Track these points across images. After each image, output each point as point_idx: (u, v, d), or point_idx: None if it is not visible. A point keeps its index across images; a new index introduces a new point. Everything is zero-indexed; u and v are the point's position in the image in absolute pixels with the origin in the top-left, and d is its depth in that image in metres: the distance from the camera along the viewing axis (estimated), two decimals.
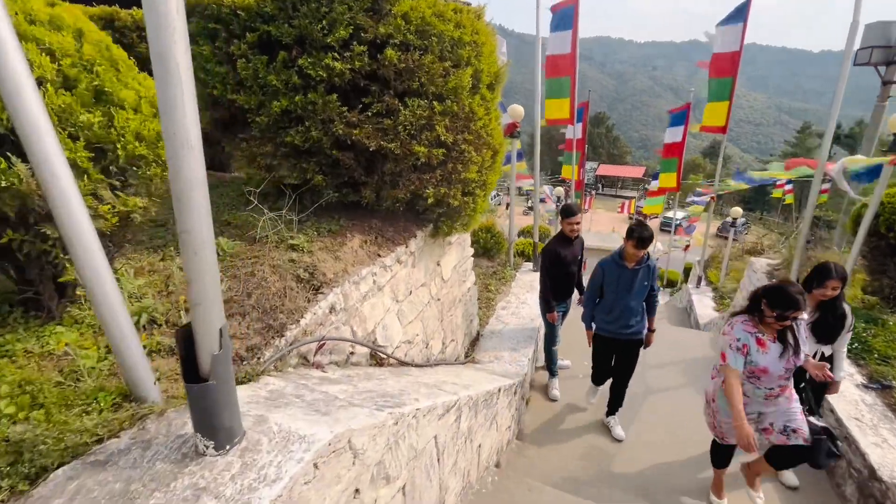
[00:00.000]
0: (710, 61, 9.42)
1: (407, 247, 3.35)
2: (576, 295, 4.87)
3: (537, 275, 7.66)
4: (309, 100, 2.61)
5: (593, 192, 39.35)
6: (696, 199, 14.67)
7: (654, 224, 32.53)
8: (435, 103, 2.94)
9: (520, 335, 5.26)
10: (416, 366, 3.37)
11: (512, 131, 6.35)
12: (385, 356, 3.01)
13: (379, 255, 3.04)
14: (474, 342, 5.12)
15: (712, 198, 11.54)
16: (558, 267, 4.47)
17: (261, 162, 2.88)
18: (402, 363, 3.20)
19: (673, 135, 14.51)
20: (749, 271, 9.01)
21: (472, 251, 4.88)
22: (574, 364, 5.55)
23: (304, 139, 2.69)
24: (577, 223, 4.38)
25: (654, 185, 19.89)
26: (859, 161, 5.45)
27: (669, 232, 25.28)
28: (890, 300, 5.37)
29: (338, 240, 2.96)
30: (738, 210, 11.23)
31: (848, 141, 45.40)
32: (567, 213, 4.40)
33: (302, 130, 2.67)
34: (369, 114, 2.75)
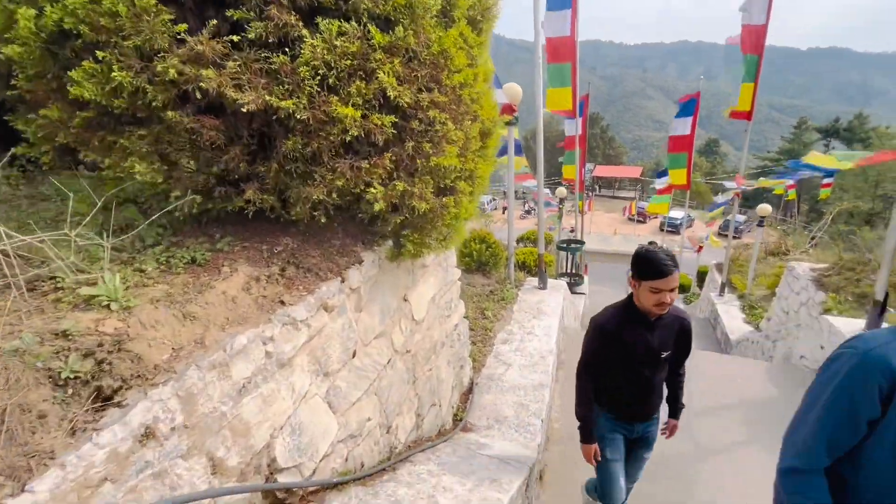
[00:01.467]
0: (741, 35, 8.15)
1: (344, 280, 2.02)
2: (664, 415, 2.48)
3: (544, 294, 6.27)
4: (104, 8, 1.28)
5: (591, 194, 38.30)
6: (718, 202, 13.43)
7: (655, 224, 31.33)
8: (373, 29, 1.63)
9: (528, 381, 3.92)
10: (360, 479, 2.02)
11: (509, 114, 5.05)
12: (293, 490, 1.67)
13: (282, 302, 1.71)
14: (466, 394, 3.78)
15: (737, 194, 10.25)
16: (616, 364, 2.20)
17: (50, 136, 1.55)
18: (332, 486, 1.85)
19: (680, 126, 13.35)
20: (788, 277, 7.70)
21: (458, 273, 3.54)
22: None
23: (103, 87, 1.36)
24: (672, 290, 1.98)
25: (658, 182, 18.66)
26: None
27: (674, 232, 24.14)
28: None
29: (203, 278, 1.63)
30: (766, 207, 9.98)
31: (846, 135, 44.51)
32: (652, 270, 1.98)
33: (96, 70, 1.34)
34: (236, 39, 1.43)
